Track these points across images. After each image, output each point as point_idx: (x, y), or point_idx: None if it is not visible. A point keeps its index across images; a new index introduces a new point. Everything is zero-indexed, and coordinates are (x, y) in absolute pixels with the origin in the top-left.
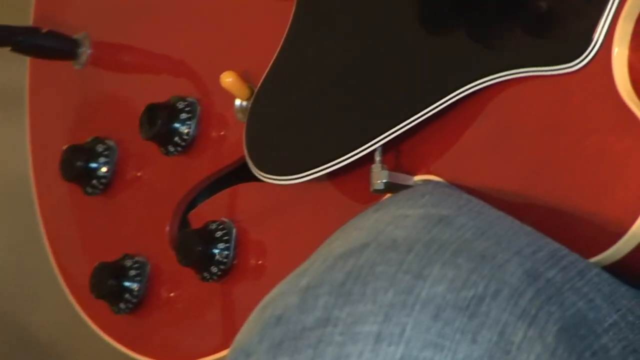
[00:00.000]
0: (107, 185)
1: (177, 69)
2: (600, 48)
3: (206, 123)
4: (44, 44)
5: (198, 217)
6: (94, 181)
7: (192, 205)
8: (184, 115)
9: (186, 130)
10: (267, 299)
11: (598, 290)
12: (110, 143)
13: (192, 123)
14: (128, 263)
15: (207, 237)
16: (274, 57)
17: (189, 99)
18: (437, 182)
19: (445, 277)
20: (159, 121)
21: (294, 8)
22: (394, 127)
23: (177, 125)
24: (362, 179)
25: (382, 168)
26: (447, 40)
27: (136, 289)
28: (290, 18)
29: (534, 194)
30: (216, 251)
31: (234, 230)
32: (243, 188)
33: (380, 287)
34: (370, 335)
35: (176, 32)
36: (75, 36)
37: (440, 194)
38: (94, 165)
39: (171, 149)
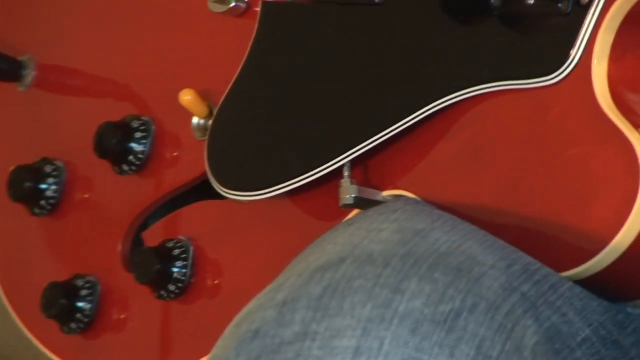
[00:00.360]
0: (55, 205)
1: (131, 87)
2: (579, 60)
3: (161, 142)
4: None
5: (154, 236)
6: (42, 202)
7: (144, 224)
8: (138, 134)
9: (141, 149)
10: (242, 313)
11: (570, 304)
12: (59, 164)
13: (147, 142)
14: (79, 283)
15: (164, 255)
16: (236, 74)
17: (144, 118)
18: (408, 198)
19: (423, 291)
20: (113, 140)
21: (256, 25)
22: (363, 142)
23: (131, 144)
24: (329, 194)
25: (351, 183)
26: (419, 54)
27: (88, 308)
28: (253, 35)
29: (511, 208)
30: (174, 269)
31: (191, 248)
32: (200, 206)
33: (358, 301)
34: (348, 349)
35: (130, 50)
36: (19, 58)
37: (413, 209)
38: (42, 185)
39: (125, 167)
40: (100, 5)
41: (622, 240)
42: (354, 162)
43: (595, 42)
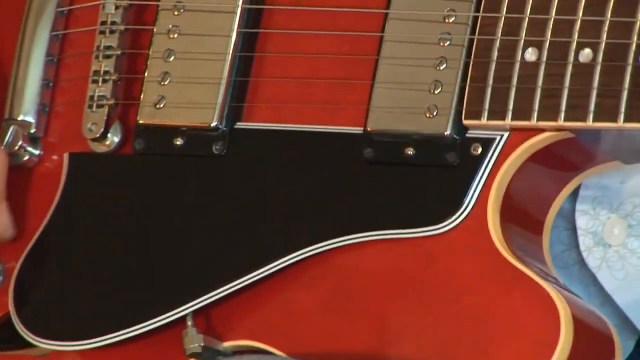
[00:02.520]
0: None
1: None
2: (473, 209)
3: None
4: None
5: None
6: None
7: None
8: None
9: None
10: None
11: None
12: None
13: None
14: None
15: None
16: (43, 224)
17: None
18: (268, 356)
19: None
20: None
21: (63, 176)
22: (210, 292)
23: None
24: (173, 342)
25: (197, 332)
26: (274, 203)
27: None
28: (60, 186)
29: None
30: None
31: None
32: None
33: None
34: None
35: None
36: None
37: None
38: None
39: None
40: None
41: None
42: (200, 311)
43: (492, 190)
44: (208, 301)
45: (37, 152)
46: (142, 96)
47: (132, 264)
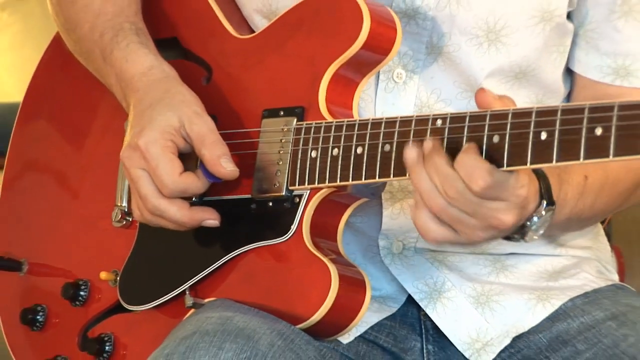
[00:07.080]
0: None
1: (78, 268)
2: (297, 228)
3: (94, 289)
4: None
5: (94, 332)
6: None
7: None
8: (83, 287)
9: (84, 294)
10: None
11: (307, 342)
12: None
13: (87, 290)
14: None
15: (99, 342)
16: (131, 251)
17: (84, 279)
18: (222, 300)
19: (232, 348)
20: (71, 290)
21: (138, 226)
22: (194, 276)
23: (79, 292)
24: (179, 303)
25: (190, 296)
26: (219, 232)
27: None
28: (137, 231)
29: (268, 301)
30: (106, 347)
31: (113, 336)
32: (121, 314)
33: (200, 355)
34: None
35: (75, 253)
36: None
37: (225, 305)
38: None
39: (77, 303)
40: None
41: (321, 312)
42: (191, 287)
43: (304, 218)
44: (194, 281)
45: (130, 219)
46: None
47: (166, 266)
